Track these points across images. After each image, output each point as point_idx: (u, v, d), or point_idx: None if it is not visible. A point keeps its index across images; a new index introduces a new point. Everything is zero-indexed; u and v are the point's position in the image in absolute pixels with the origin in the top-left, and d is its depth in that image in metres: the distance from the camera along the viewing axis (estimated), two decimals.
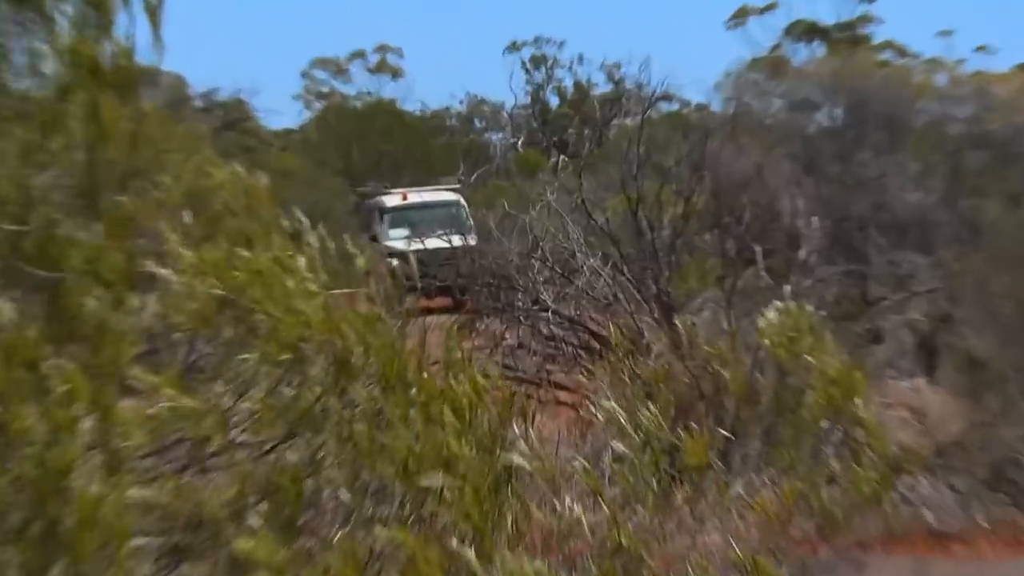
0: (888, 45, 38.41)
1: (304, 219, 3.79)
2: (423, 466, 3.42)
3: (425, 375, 3.42)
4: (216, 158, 4.14)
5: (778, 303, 4.29)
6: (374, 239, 25.95)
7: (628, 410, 4.67)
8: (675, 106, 49.37)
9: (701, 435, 4.60)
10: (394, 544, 3.36)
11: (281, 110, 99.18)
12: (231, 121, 48.21)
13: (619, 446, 3.81)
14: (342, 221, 32.94)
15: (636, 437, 4.41)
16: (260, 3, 73.10)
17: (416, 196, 27.86)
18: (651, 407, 4.81)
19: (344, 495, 3.52)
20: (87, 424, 3.04)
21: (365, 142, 45.50)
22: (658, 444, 4.55)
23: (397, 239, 23.84)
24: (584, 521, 4.03)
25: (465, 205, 26.55)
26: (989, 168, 15.41)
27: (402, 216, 26.33)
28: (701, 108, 45.05)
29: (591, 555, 3.98)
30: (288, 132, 52.29)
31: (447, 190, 28.74)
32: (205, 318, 3.43)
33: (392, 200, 27.88)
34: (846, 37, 41.01)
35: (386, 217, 27.11)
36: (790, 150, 17.97)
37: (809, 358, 4.14)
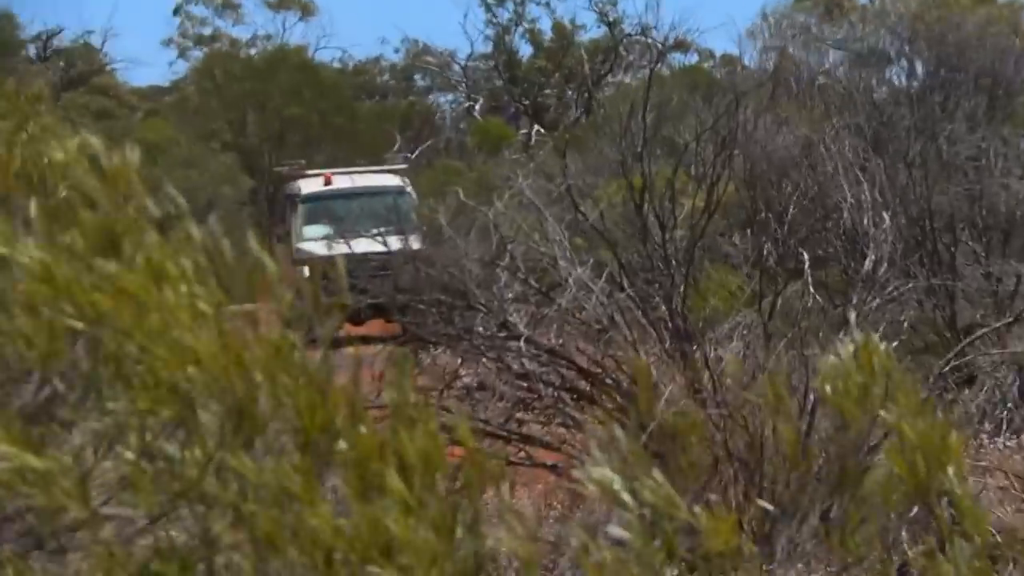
0: None
1: (183, 204, 3.81)
2: (355, 553, 3.45)
3: (360, 425, 3.45)
4: (60, 126, 4.16)
5: (847, 336, 4.36)
6: (282, 238, 25.99)
7: (629, 477, 4.71)
8: (693, 58, 49.75)
9: (727, 510, 4.64)
10: None
11: (147, 60, 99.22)
12: (78, 76, 48.13)
13: (616, 530, 3.85)
14: (233, 214, 32.98)
15: (641, 514, 4.46)
16: None
17: (345, 180, 27.76)
18: (660, 473, 4.85)
19: None
20: None
21: (264, 106, 45.48)
22: (671, 524, 4.60)
23: (314, 239, 23.88)
24: None
25: (412, 194, 26.62)
26: None
27: (323, 207, 26.26)
28: (729, 62, 45.34)
29: None
30: (157, 91, 52.28)
31: (387, 172, 28.69)
32: (55, 350, 3.47)
33: (310, 186, 27.75)
34: None
35: (301, 209, 26.99)
36: (852, 120, 18.13)
37: (884, 414, 4.19)
